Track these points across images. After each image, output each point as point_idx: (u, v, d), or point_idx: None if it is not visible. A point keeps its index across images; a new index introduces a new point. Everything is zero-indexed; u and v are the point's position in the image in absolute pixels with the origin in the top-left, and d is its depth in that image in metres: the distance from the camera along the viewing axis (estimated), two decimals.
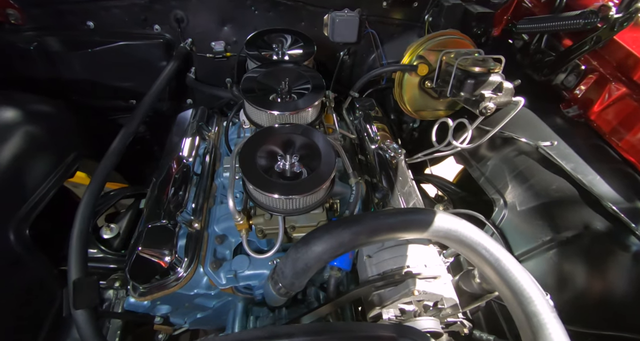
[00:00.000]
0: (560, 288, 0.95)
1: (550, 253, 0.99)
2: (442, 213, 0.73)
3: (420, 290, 0.67)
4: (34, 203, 1.00)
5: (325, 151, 0.74)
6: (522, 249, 1.06)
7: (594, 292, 0.90)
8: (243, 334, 0.49)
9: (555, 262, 0.97)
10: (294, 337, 0.47)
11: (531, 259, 1.04)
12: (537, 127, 1.20)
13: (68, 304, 0.79)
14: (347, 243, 0.65)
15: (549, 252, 1.00)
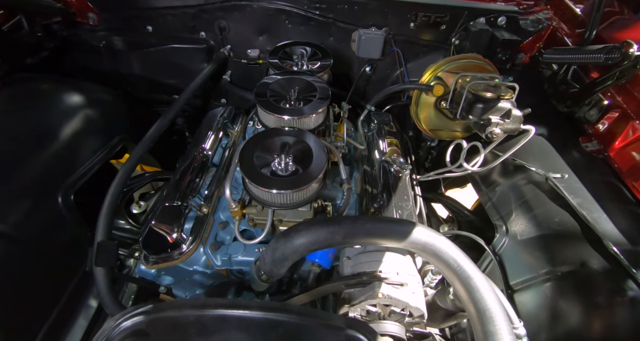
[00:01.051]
0: (552, 324, 0.93)
1: (545, 287, 0.97)
2: (421, 227, 0.78)
3: (385, 294, 0.72)
4: (81, 174, 1.18)
5: (318, 155, 0.82)
6: (519, 279, 1.04)
7: (586, 333, 0.87)
8: (208, 301, 0.58)
9: (548, 296, 0.95)
10: (250, 309, 0.55)
11: (526, 290, 1.02)
12: (551, 157, 1.18)
13: (91, 261, 0.94)
14: (322, 240, 0.72)
15: (544, 285, 0.98)
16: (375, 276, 0.74)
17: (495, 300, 0.69)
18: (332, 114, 1.24)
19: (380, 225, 0.76)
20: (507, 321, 0.67)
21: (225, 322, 0.54)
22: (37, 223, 1.05)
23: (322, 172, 0.79)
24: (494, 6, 1.46)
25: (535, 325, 0.94)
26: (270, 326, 0.55)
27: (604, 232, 0.91)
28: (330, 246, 0.75)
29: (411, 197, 1.20)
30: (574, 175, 1.08)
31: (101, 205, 1.01)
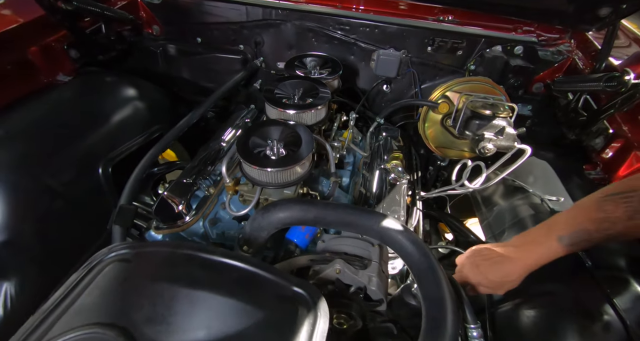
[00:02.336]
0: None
1: (524, 306, 0.96)
2: (391, 220, 0.84)
3: (344, 271, 0.78)
4: (120, 152, 1.40)
5: (306, 144, 0.93)
6: (500, 298, 1.03)
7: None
8: (181, 242, 0.69)
9: (525, 316, 0.93)
10: (214, 254, 0.66)
11: (507, 309, 1.01)
12: (551, 182, 1.18)
13: (112, 221, 1.11)
14: (295, 217, 0.82)
15: (523, 304, 0.96)
16: (338, 254, 0.81)
17: (447, 290, 0.73)
18: (339, 120, 1.36)
19: (350, 211, 0.83)
20: (455, 315, 0.70)
21: (191, 260, 0.65)
22: (79, 186, 1.27)
23: (306, 157, 0.90)
24: (511, 36, 1.52)
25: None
26: (227, 270, 0.64)
27: (588, 256, 0.90)
28: (302, 223, 0.83)
29: (403, 205, 1.25)
30: (571, 200, 1.07)
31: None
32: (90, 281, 0.62)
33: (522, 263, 0.76)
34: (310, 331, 0.58)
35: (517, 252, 0.77)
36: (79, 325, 0.55)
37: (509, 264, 0.77)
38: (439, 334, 0.66)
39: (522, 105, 1.59)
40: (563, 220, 0.74)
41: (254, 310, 0.59)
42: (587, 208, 0.71)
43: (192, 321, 0.56)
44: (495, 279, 0.79)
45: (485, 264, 0.80)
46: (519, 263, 0.76)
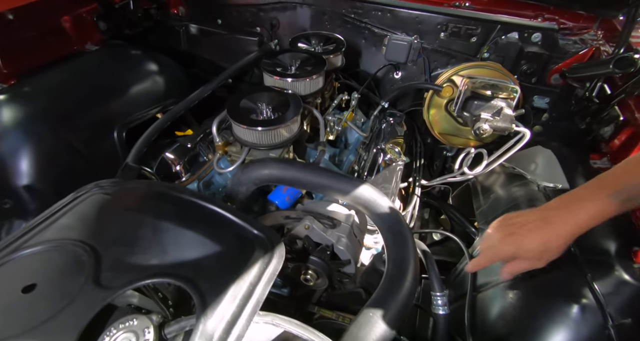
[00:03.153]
0: (502, 325, 0.88)
1: (505, 288, 0.93)
2: (367, 186, 0.85)
3: (312, 227, 0.80)
4: (135, 118, 1.50)
5: (294, 109, 0.95)
6: (486, 280, 1.01)
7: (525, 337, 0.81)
8: (156, 182, 0.74)
9: (506, 298, 0.91)
10: (184, 193, 0.70)
11: (489, 291, 0.98)
12: (553, 170, 1.12)
13: (117, 177, 1.20)
14: (274, 174, 0.84)
15: (505, 286, 0.93)
16: (309, 212, 0.83)
17: (412, 253, 0.73)
18: (340, 99, 1.37)
19: (328, 174, 0.85)
20: (414, 276, 0.70)
21: (163, 196, 0.70)
22: (96, 147, 1.38)
23: (291, 120, 0.93)
24: (529, 22, 1.46)
25: (488, 325, 0.90)
26: (194, 207, 0.69)
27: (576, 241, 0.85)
28: (280, 182, 0.86)
29: (395, 184, 1.24)
30: (569, 187, 1.02)
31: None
32: (72, 208, 0.68)
33: (566, 227, 0.65)
34: (261, 270, 0.61)
35: (559, 215, 0.67)
36: (54, 239, 0.61)
37: (550, 229, 0.66)
38: (395, 289, 0.66)
39: (539, 97, 1.52)
40: (615, 175, 0.64)
41: (211, 243, 0.63)
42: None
43: (152, 247, 0.61)
44: (533, 248, 0.68)
45: (521, 232, 0.69)
46: (562, 228, 0.65)
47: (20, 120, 1.21)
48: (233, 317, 0.53)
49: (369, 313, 0.61)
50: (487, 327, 0.90)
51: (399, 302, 0.63)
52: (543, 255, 0.68)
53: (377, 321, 0.60)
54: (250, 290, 0.57)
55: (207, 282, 0.56)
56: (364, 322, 0.60)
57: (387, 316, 0.61)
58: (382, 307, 0.62)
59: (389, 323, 0.60)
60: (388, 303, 0.63)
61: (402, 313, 0.63)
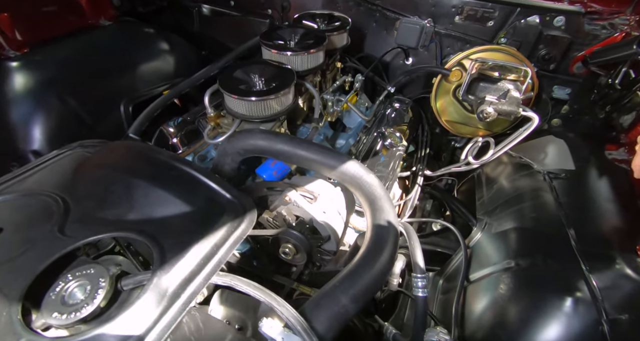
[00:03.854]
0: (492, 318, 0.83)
1: (498, 279, 0.88)
2: (353, 161, 0.82)
3: (293, 199, 0.78)
4: (142, 94, 1.53)
5: (286, 82, 0.93)
6: (479, 271, 0.96)
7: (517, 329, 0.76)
8: (137, 143, 0.74)
9: (498, 289, 0.85)
10: (161, 155, 0.70)
11: (482, 282, 0.93)
12: (563, 160, 1.04)
13: None
14: (258, 146, 0.83)
15: (498, 277, 0.88)
16: (291, 185, 0.81)
17: (392, 229, 0.69)
18: (343, 80, 1.33)
19: (315, 148, 0.82)
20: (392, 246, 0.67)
21: (141, 156, 0.70)
22: (103, 120, 1.42)
23: (282, 93, 0.90)
24: (552, 5, 1.35)
25: (476, 316, 0.85)
26: (170, 168, 0.68)
27: (576, 232, 0.79)
28: (264, 153, 0.84)
29: (392, 169, 1.20)
30: (578, 178, 0.94)
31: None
32: (52, 163, 0.69)
33: None
34: (228, 233, 0.60)
35: None
36: (28, 189, 0.62)
37: None
38: (367, 264, 0.63)
39: (559, 87, 1.42)
40: None
41: (181, 203, 0.62)
42: None
43: (122, 203, 0.61)
44: None
45: None
46: None
47: (30, 87, 1.26)
48: (191, 275, 0.52)
49: (335, 284, 0.59)
50: (474, 318, 0.85)
51: (368, 278, 0.60)
52: None
53: (341, 292, 0.57)
54: (213, 250, 0.56)
55: (170, 240, 0.55)
56: (328, 293, 0.57)
57: (353, 289, 0.58)
58: (350, 280, 0.59)
59: (353, 298, 0.57)
60: (357, 277, 0.60)
61: (371, 289, 0.60)
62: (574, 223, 0.79)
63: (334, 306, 0.55)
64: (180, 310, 0.48)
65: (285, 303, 0.52)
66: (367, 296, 0.59)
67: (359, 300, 0.57)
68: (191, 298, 0.49)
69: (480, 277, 0.95)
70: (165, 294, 0.48)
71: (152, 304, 0.47)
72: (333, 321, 0.54)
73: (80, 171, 0.66)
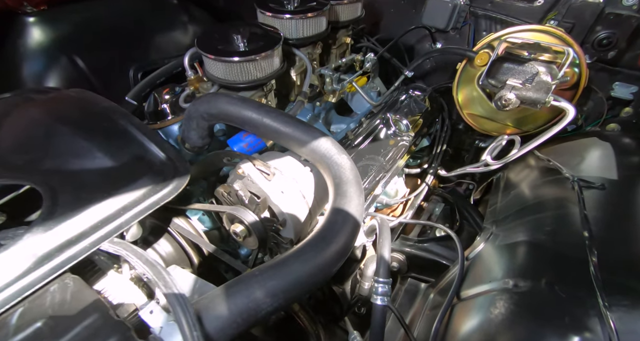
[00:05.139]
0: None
1: (491, 300, 0.71)
2: (328, 140, 0.70)
3: (246, 173, 0.68)
4: (153, 62, 1.52)
5: (269, 44, 0.83)
6: (474, 287, 0.79)
7: None
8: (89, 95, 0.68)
9: (490, 311, 0.69)
10: (111, 111, 0.64)
11: (474, 300, 0.77)
12: (603, 165, 0.83)
13: None
14: (223, 111, 0.73)
15: (492, 298, 0.72)
16: (251, 158, 0.71)
17: (352, 218, 0.57)
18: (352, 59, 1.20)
19: (285, 118, 0.72)
20: (352, 229, 0.55)
21: (81, 105, 0.64)
22: (110, 83, 1.42)
23: (263, 57, 0.80)
24: None
25: (459, 338, 0.70)
26: (108, 120, 0.61)
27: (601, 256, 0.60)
28: (228, 120, 0.75)
29: (390, 160, 1.05)
30: (619, 190, 0.73)
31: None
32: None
33: None
34: (144, 196, 0.52)
35: None
36: None
37: None
38: (312, 249, 0.51)
39: (621, 85, 1.16)
40: None
41: (103, 157, 0.55)
42: None
43: (38, 148, 0.55)
44: None
45: None
46: None
47: (44, 45, 1.28)
48: (77, 237, 0.44)
49: (254, 273, 0.48)
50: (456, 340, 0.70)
51: (299, 272, 0.48)
52: None
53: (258, 283, 0.46)
54: (117, 213, 0.48)
55: (69, 194, 0.48)
56: (241, 282, 0.47)
57: (274, 282, 0.47)
58: (274, 270, 0.48)
59: (271, 292, 0.46)
60: (284, 268, 0.48)
61: (300, 285, 0.48)
62: (599, 244, 0.60)
63: (243, 298, 0.44)
64: (46, 275, 0.40)
65: (176, 286, 0.42)
66: (292, 293, 0.47)
67: (278, 296, 0.46)
68: (66, 263, 0.42)
69: (473, 295, 0.78)
70: (34, 254, 0.41)
71: (11, 263, 0.39)
72: (236, 316, 0.43)
73: (11, 114, 0.62)
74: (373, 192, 1.00)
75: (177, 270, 0.74)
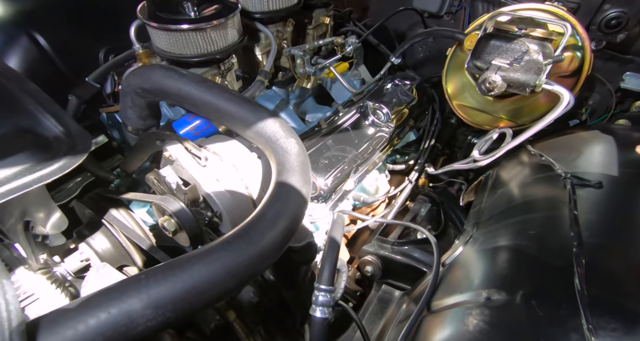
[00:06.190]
0: None
1: (465, 312, 0.60)
2: (275, 120, 0.60)
3: (174, 156, 0.58)
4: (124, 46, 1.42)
5: (220, 13, 0.73)
6: (447, 299, 0.68)
7: None
8: None
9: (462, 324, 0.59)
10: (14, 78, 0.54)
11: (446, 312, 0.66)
12: (604, 162, 0.71)
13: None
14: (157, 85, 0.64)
15: (465, 310, 0.61)
16: (183, 140, 0.61)
17: (291, 209, 0.47)
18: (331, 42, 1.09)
19: (228, 96, 0.62)
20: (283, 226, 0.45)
21: None
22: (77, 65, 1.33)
23: (209, 25, 0.70)
24: None
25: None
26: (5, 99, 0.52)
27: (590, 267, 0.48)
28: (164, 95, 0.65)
29: (366, 151, 0.94)
30: (617, 189, 0.62)
31: None
32: None
33: None
34: (21, 172, 0.42)
35: None
36: None
37: None
38: (222, 249, 0.41)
39: (632, 75, 1.03)
40: None
41: None
42: None
43: None
44: None
45: None
46: None
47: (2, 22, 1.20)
48: None
49: (138, 277, 0.38)
50: None
51: (198, 278, 0.38)
52: None
53: (136, 290, 0.36)
54: None
55: None
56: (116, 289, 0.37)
57: (161, 289, 0.37)
58: (164, 274, 0.38)
59: (154, 303, 0.36)
60: (178, 273, 0.38)
61: (200, 294, 0.38)
62: (589, 253, 0.49)
63: (113, 309, 0.34)
64: None
65: (10, 290, 0.32)
66: (187, 302, 0.37)
67: (165, 307, 0.36)
68: None
69: (445, 307, 0.68)
70: None
71: None
72: (94, 335, 0.33)
73: None
74: (342, 187, 0.89)
75: (106, 269, 0.65)
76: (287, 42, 0.99)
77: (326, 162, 0.86)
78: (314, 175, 0.80)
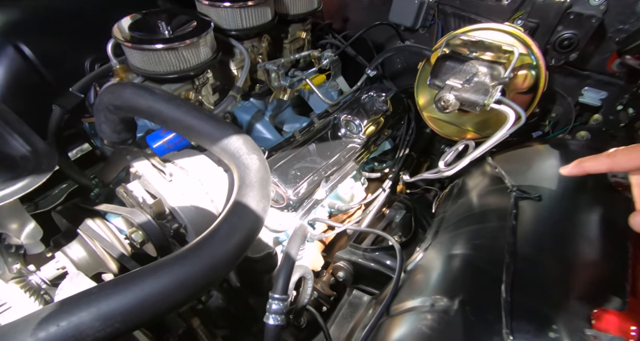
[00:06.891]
0: None
1: (418, 318, 0.65)
2: (239, 136, 0.64)
3: (140, 172, 0.62)
4: None
5: (194, 32, 0.77)
6: (404, 303, 0.73)
7: None
8: None
9: (415, 329, 0.63)
10: None
11: (403, 317, 0.70)
12: (548, 175, 0.76)
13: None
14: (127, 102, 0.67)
15: (418, 315, 0.65)
16: (149, 156, 0.65)
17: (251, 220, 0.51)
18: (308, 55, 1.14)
19: (195, 113, 0.66)
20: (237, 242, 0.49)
21: None
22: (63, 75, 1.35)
23: (182, 43, 0.74)
24: None
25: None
26: None
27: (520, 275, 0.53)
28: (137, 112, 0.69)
29: (333, 162, 0.99)
30: (555, 202, 0.66)
31: None
32: None
33: None
34: None
35: None
36: None
37: None
38: (174, 263, 0.45)
39: (590, 90, 1.10)
40: None
41: None
42: None
43: None
44: None
45: None
46: None
47: None
48: None
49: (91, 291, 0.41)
50: None
51: (148, 291, 0.42)
52: None
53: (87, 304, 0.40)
54: None
55: None
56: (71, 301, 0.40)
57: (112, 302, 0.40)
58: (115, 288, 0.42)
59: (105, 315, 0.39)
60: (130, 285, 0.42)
61: (152, 306, 0.42)
62: (520, 262, 0.54)
63: (63, 322, 0.37)
64: None
65: None
66: (137, 314, 0.41)
67: (115, 319, 0.39)
68: None
69: (401, 311, 0.72)
70: None
71: None
72: None
73: None
74: (313, 197, 0.93)
75: (79, 278, 0.68)
76: (262, 57, 1.03)
77: (297, 173, 0.90)
78: (283, 186, 0.83)
